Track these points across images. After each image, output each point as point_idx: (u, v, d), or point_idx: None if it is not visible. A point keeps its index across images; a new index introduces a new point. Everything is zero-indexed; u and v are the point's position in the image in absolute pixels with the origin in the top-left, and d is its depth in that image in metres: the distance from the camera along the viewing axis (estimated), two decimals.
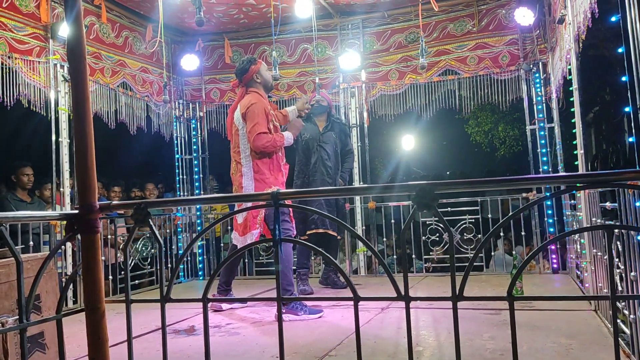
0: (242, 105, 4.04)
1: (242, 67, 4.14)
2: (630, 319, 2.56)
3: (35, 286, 1.47)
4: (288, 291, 3.84)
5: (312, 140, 5.13)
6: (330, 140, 5.18)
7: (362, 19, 6.31)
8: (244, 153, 4.02)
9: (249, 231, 3.99)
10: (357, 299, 1.38)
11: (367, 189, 3.63)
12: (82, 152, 1.46)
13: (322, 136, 5.18)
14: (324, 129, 5.22)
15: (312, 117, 5.20)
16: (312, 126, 5.18)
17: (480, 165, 13.45)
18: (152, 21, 5.87)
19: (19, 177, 5.39)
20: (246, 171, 4.01)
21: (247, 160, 4.02)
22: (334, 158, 5.17)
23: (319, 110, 5.22)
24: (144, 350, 3.13)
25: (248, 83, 4.15)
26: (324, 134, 5.19)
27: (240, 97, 4.15)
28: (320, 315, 3.86)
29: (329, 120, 5.28)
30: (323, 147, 5.12)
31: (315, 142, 5.13)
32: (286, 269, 3.89)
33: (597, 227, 2.70)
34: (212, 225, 3.51)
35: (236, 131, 4.08)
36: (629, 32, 2.22)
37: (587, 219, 3.58)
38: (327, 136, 5.19)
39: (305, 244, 1.69)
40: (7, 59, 4.48)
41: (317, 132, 5.18)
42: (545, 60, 5.63)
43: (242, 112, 4.00)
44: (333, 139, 5.21)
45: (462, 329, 1.35)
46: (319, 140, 5.15)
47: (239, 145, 4.06)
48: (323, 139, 5.16)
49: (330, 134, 5.21)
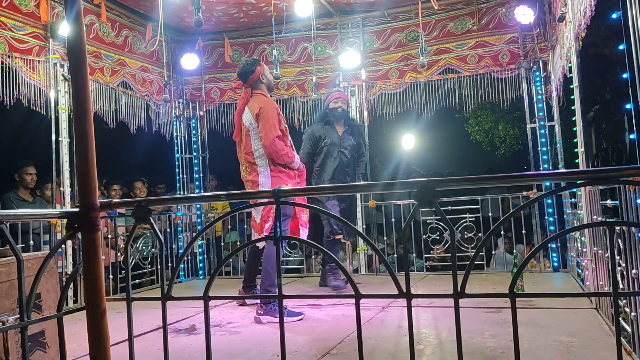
0: (254, 106, 3.99)
1: (247, 69, 4.08)
2: (631, 316, 2.56)
3: (36, 285, 1.47)
4: (269, 292, 3.80)
5: (333, 146, 4.99)
6: (350, 145, 5.07)
7: (362, 17, 6.30)
8: (258, 153, 3.97)
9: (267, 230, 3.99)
10: (359, 297, 1.38)
11: (368, 186, 3.62)
12: (83, 150, 1.46)
13: (342, 141, 5.04)
14: (343, 134, 5.08)
15: (332, 122, 5.07)
16: (332, 131, 5.03)
17: (480, 164, 13.44)
18: (152, 20, 5.87)
19: (22, 176, 5.39)
20: (262, 170, 3.96)
21: (262, 159, 3.96)
22: (352, 163, 5.09)
23: (341, 116, 5.08)
24: (145, 349, 3.13)
25: (253, 84, 4.10)
26: (344, 138, 5.06)
27: (246, 98, 4.10)
28: (300, 318, 3.76)
29: (347, 124, 5.15)
30: (344, 152, 5.01)
31: (337, 148, 4.99)
32: (271, 269, 3.82)
33: (599, 223, 2.70)
34: (213, 223, 3.50)
35: (247, 132, 4.01)
36: (630, 29, 2.22)
37: (587, 217, 3.58)
38: (346, 140, 5.07)
39: (306, 242, 1.68)
40: (7, 58, 4.48)
41: (338, 137, 5.04)
42: (545, 59, 5.62)
43: (256, 113, 3.95)
44: (352, 144, 5.09)
45: (463, 327, 1.35)
46: (340, 145, 5.01)
47: (251, 146, 3.99)
48: (343, 144, 5.03)
49: (349, 138, 5.09)
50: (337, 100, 5.08)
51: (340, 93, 5.23)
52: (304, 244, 5.37)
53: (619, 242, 2.68)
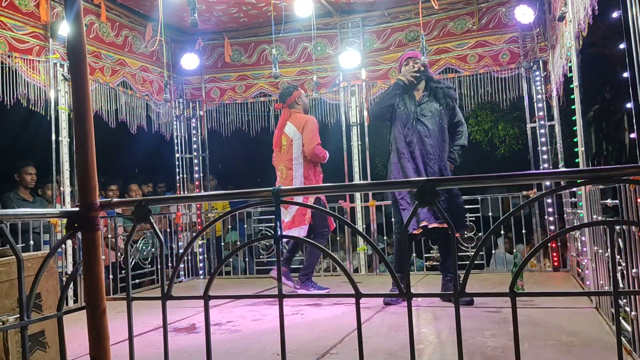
0: (299, 121, 4.87)
1: (286, 92, 5.00)
2: (631, 316, 2.56)
3: (36, 284, 1.47)
4: (307, 275, 4.82)
5: (407, 115, 4.19)
6: (432, 112, 4.18)
7: (362, 17, 6.30)
8: (297, 160, 4.82)
9: (299, 225, 4.72)
10: (359, 296, 1.38)
11: (368, 186, 3.62)
12: (83, 149, 1.46)
13: (420, 108, 4.20)
14: (421, 99, 4.24)
15: (407, 88, 4.26)
16: (406, 98, 4.25)
17: (480, 164, 13.44)
18: (152, 20, 5.87)
19: (22, 176, 5.39)
20: (297, 175, 4.80)
21: (299, 165, 4.82)
22: (439, 134, 4.16)
23: (417, 79, 4.27)
24: (145, 349, 3.13)
25: (291, 105, 4.97)
26: (422, 104, 4.21)
27: (285, 116, 4.97)
28: (327, 291, 4.76)
29: (428, 87, 4.29)
30: (422, 120, 4.15)
31: (412, 117, 4.17)
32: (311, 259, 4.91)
33: (599, 222, 2.70)
34: (213, 222, 3.55)
35: (290, 142, 4.86)
36: (630, 28, 2.22)
37: (588, 216, 3.58)
38: (426, 107, 4.20)
39: (307, 241, 1.68)
40: (6, 58, 4.48)
41: (414, 103, 4.22)
42: (545, 58, 5.62)
43: (302, 126, 4.82)
44: (436, 110, 4.19)
45: (463, 326, 1.35)
46: (416, 113, 4.18)
47: (292, 153, 4.83)
48: (421, 111, 4.18)
49: (431, 105, 4.21)
50: (408, 61, 4.37)
51: (412, 52, 4.58)
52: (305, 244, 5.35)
53: (619, 241, 2.68)
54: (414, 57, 4.41)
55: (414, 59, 4.36)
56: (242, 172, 12.49)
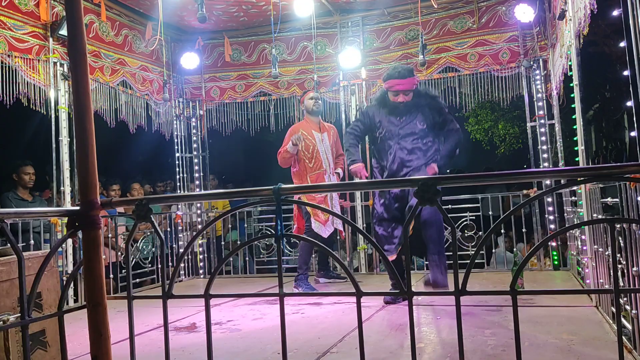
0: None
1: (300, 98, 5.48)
2: (632, 314, 2.56)
3: (37, 283, 1.47)
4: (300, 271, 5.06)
5: (389, 138, 4.04)
6: (416, 134, 3.98)
7: (361, 16, 6.30)
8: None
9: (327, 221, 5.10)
10: (360, 294, 1.38)
11: (369, 184, 3.61)
12: (83, 148, 1.46)
13: (403, 130, 4.01)
14: (404, 120, 4.02)
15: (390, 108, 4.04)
16: (389, 119, 4.04)
17: (480, 163, 13.45)
18: (152, 19, 5.86)
19: (20, 175, 5.38)
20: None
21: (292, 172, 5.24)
22: (422, 155, 3.97)
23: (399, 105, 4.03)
24: (146, 348, 3.13)
25: (303, 111, 5.39)
26: (405, 126, 4.00)
27: None
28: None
29: (412, 105, 4.02)
30: (403, 145, 3.98)
31: (394, 141, 4.01)
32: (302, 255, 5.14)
33: (600, 220, 2.70)
34: (213, 221, 3.53)
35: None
36: (630, 27, 2.22)
37: (588, 215, 3.58)
38: (408, 128, 3.99)
39: (307, 239, 1.68)
40: (6, 58, 4.48)
41: (396, 125, 4.03)
42: (545, 57, 5.62)
43: None
44: (420, 131, 3.99)
45: (464, 325, 1.35)
46: (399, 135, 4.00)
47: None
48: (404, 135, 4.00)
49: (414, 125, 3.99)
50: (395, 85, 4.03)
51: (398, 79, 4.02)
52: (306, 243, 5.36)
53: (620, 239, 2.68)
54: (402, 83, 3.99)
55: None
56: (242, 171, 12.51)
